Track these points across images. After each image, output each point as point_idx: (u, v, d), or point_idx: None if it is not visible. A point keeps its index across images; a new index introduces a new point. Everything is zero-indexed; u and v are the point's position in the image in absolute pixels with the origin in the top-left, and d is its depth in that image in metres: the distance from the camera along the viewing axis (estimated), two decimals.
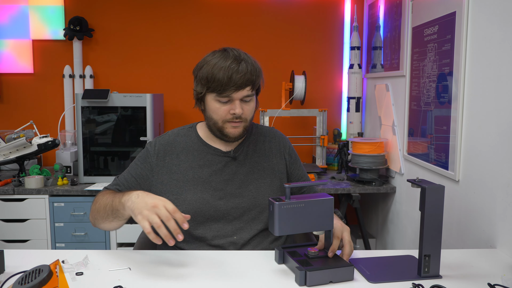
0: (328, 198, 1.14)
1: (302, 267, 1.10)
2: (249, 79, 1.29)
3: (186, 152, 1.42)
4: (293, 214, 1.11)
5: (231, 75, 1.27)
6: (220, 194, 1.38)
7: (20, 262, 1.20)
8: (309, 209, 1.12)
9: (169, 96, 3.00)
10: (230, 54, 1.32)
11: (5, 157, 2.52)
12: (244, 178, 1.41)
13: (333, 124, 3.15)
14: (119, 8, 3.03)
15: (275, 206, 1.09)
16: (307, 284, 1.07)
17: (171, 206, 1.11)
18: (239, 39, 3.07)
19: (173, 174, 1.39)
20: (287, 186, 1.11)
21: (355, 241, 2.85)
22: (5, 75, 3.03)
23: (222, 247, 1.36)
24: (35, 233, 2.45)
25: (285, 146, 1.52)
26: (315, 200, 1.13)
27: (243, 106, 1.33)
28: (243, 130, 1.37)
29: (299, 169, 1.53)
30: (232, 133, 1.36)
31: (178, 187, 1.37)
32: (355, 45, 2.90)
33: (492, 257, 1.34)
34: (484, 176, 1.52)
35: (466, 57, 1.64)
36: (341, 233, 1.22)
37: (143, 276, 1.14)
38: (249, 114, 1.36)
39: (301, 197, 1.14)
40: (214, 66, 1.30)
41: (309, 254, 1.17)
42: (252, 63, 1.33)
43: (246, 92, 1.31)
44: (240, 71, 1.28)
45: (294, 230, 1.13)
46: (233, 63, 1.29)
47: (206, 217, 1.37)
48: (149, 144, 1.45)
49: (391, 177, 2.52)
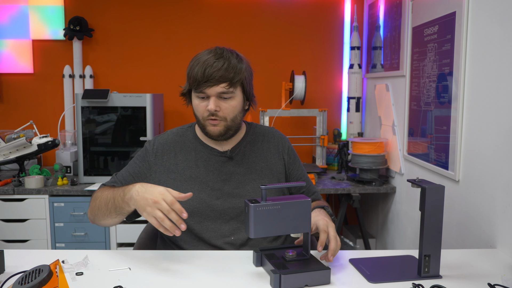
0: (305, 200, 1.12)
1: (277, 270, 1.08)
2: (223, 76, 1.28)
3: (183, 152, 1.42)
4: (268, 216, 1.09)
5: (205, 70, 1.27)
6: (217, 194, 1.38)
7: (20, 262, 1.20)
8: (285, 211, 1.10)
9: (169, 96, 3.00)
10: (213, 51, 1.32)
11: (5, 157, 2.52)
12: (242, 178, 1.41)
13: (333, 124, 3.15)
14: (119, 8, 3.03)
15: (250, 208, 1.07)
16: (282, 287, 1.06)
17: (169, 198, 1.12)
18: (239, 39, 3.07)
19: (171, 173, 1.40)
20: (263, 188, 1.09)
21: (355, 241, 2.85)
22: (5, 75, 3.03)
23: (220, 247, 1.36)
24: (35, 233, 2.45)
25: (284, 146, 1.51)
26: (291, 202, 1.11)
27: (221, 103, 1.32)
28: (225, 129, 1.35)
29: (298, 169, 1.52)
30: (212, 131, 1.35)
31: (176, 186, 1.36)
32: (355, 45, 2.90)
33: (492, 257, 1.34)
34: (484, 176, 1.52)
35: (466, 57, 1.64)
36: (327, 228, 1.20)
37: (143, 276, 1.14)
38: (228, 113, 1.33)
39: (277, 199, 1.12)
40: (195, 61, 1.32)
41: (286, 257, 1.15)
42: (233, 61, 1.31)
43: (221, 88, 1.29)
44: (215, 67, 1.27)
45: (270, 232, 1.11)
46: (211, 59, 1.29)
47: (203, 216, 1.37)
48: (148, 143, 1.46)
49: (391, 177, 2.52)
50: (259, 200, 1.10)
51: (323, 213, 1.31)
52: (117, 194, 1.25)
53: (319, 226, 1.21)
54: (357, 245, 2.81)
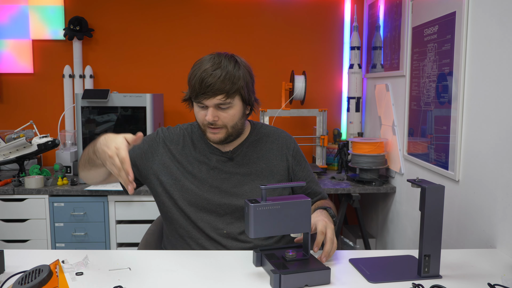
0: (305, 200, 1.12)
1: (277, 270, 1.08)
2: (219, 88, 1.29)
3: (189, 147, 1.46)
4: (268, 216, 1.09)
5: (202, 81, 1.29)
6: (215, 191, 1.41)
7: (20, 262, 1.20)
8: (285, 211, 1.10)
9: (169, 96, 3.00)
10: (212, 59, 1.33)
11: (5, 157, 2.52)
12: (241, 179, 1.43)
13: (333, 124, 3.15)
14: (119, 8, 3.03)
15: (250, 208, 1.07)
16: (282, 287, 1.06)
17: (121, 155, 1.13)
18: (239, 39, 3.07)
19: (175, 162, 1.44)
20: (263, 188, 1.10)
21: (355, 241, 2.85)
22: (5, 75, 3.03)
23: (217, 241, 1.39)
24: (35, 233, 2.45)
25: (289, 147, 1.52)
26: (291, 202, 1.11)
27: (219, 113, 1.34)
28: (225, 135, 1.38)
29: (303, 170, 1.53)
30: (212, 138, 1.39)
31: (178, 173, 1.42)
32: (355, 45, 2.90)
33: (492, 257, 1.34)
34: (484, 176, 1.52)
35: (466, 57, 1.64)
36: (325, 229, 1.21)
37: (143, 276, 1.14)
38: (228, 121, 1.35)
39: (277, 199, 1.12)
40: (194, 70, 1.34)
41: (286, 257, 1.15)
42: (230, 70, 1.31)
43: (218, 100, 1.31)
44: (211, 79, 1.28)
45: (270, 232, 1.11)
46: (209, 69, 1.30)
47: (199, 207, 1.40)
48: (160, 128, 1.52)
49: (391, 177, 2.52)
50: (259, 200, 1.10)
51: (324, 214, 1.32)
52: (90, 147, 1.31)
53: (318, 227, 1.22)
54: (357, 245, 2.81)
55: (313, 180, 1.55)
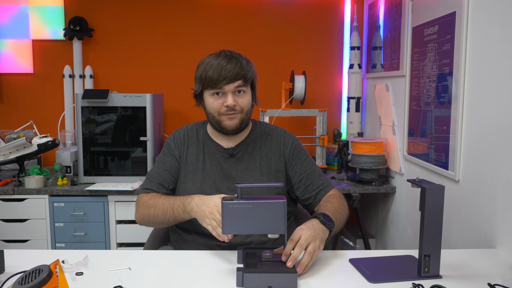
0: (279, 201, 1.11)
1: (241, 268, 1.09)
2: (238, 73, 1.40)
3: (194, 146, 1.54)
4: (240, 214, 1.10)
5: (221, 70, 1.39)
6: (217, 186, 1.46)
7: (20, 262, 1.21)
8: (258, 210, 1.11)
9: (169, 96, 3.00)
10: (222, 54, 1.45)
11: (5, 157, 2.52)
12: (241, 175, 1.48)
13: (333, 124, 3.15)
14: (119, 8, 3.03)
15: (222, 204, 1.11)
16: (244, 286, 1.06)
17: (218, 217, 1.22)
18: (239, 39, 3.07)
19: (182, 164, 1.52)
20: (238, 186, 1.12)
21: (355, 241, 2.85)
22: (5, 75, 3.03)
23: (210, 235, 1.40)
24: (35, 233, 2.45)
25: (287, 144, 1.55)
26: (264, 202, 1.11)
27: (237, 98, 1.43)
28: (240, 121, 1.45)
29: (302, 163, 1.53)
30: (229, 125, 1.45)
31: (184, 176, 1.50)
32: (355, 45, 2.90)
33: (492, 257, 1.34)
34: (484, 176, 1.52)
35: (466, 57, 1.64)
36: (300, 238, 1.16)
37: (143, 276, 1.14)
38: (244, 106, 1.45)
39: (252, 198, 1.12)
40: (207, 65, 1.43)
41: (262, 257, 1.15)
42: (242, 61, 1.43)
43: (237, 84, 1.41)
44: (230, 67, 1.40)
45: (243, 230, 1.13)
46: (223, 60, 1.41)
47: None
48: (169, 139, 1.59)
49: (391, 177, 2.52)
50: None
51: (315, 224, 1.23)
52: (175, 205, 1.36)
53: (302, 238, 1.16)
54: (357, 245, 2.81)
55: (315, 172, 1.53)
